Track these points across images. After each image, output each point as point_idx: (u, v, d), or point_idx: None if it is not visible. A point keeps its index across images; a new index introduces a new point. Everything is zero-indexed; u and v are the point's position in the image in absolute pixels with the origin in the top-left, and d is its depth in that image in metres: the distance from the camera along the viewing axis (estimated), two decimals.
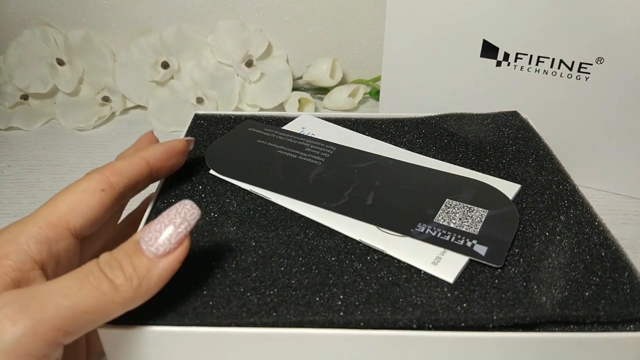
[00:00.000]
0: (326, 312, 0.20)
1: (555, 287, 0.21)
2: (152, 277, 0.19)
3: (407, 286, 0.22)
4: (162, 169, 0.26)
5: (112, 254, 0.19)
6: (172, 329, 0.20)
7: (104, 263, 0.19)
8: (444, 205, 0.26)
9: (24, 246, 0.20)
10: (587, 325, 0.20)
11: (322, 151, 0.31)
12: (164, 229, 0.20)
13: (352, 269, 0.23)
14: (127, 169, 0.24)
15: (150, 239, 0.19)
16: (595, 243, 0.24)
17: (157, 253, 0.19)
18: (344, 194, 0.27)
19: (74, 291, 0.17)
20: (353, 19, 0.53)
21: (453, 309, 0.20)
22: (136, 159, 0.24)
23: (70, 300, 0.17)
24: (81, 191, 0.22)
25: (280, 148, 0.31)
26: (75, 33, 0.53)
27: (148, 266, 0.19)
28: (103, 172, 0.23)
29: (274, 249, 0.24)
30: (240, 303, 0.21)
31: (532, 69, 0.39)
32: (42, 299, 0.17)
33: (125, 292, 0.18)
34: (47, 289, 0.18)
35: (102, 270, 0.18)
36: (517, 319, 0.20)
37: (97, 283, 0.18)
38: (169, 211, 0.20)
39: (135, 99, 0.53)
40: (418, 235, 0.24)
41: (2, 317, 0.16)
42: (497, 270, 0.22)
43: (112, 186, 0.23)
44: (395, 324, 0.20)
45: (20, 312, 0.17)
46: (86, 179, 0.23)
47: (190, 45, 0.53)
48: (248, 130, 0.32)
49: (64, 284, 0.18)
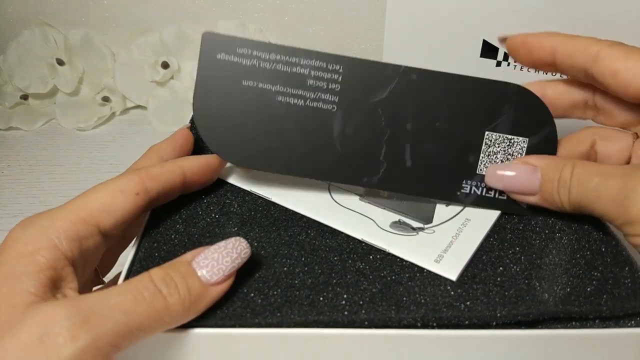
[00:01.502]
0: (330, 311, 0.20)
1: (557, 284, 0.22)
2: (202, 302, 0.20)
3: (410, 285, 0.22)
4: (196, 183, 0.26)
5: (167, 271, 0.19)
6: (176, 330, 0.20)
7: (157, 279, 0.19)
8: (484, 144, 0.25)
9: (56, 241, 0.20)
10: (590, 320, 0.21)
11: (329, 80, 0.24)
12: (221, 259, 0.20)
13: (355, 269, 0.23)
14: (164, 176, 0.24)
15: (207, 265, 0.20)
16: (595, 238, 0.24)
17: (210, 281, 0.20)
18: (379, 158, 0.25)
19: (130, 307, 0.18)
20: (353, 19, 0.53)
21: (457, 307, 0.20)
22: (175, 168, 0.24)
23: (127, 317, 0.17)
24: (118, 191, 0.22)
25: (277, 90, 0.25)
26: (75, 33, 0.53)
27: (201, 291, 0.20)
28: (141, 175, 0.23)
29: (276, 250, 0.24)
30: (244, 304, 0.21)
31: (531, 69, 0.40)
32: (100, 313, 0.17)
33: (176, 313, 0.19)
34: (105, 303, 0.18)
35: (157, 287, 0.19)
36: (520, 316, 0.20)
37: (151, 300, 0.18)
38: (226, 243, 0.21)
39: (135, 99, 0.53)
40: (465, 199, 0.25)
41: (62, 331, 0.17)
42: (499, 267, 0.23)
43: (146, 191, 0.23)
44: (400, 322, 0.20)
45: (80, 328, 0.17)
46: (123, 179, 0.22)
47: (190, 45, 0.53)
48: (217, 59, 0.25)
49: (120, 299, 0.18)
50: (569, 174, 0.22)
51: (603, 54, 0.23)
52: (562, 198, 0.23)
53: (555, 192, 0.23)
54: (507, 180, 0.24)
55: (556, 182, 0.23)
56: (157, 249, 0.24)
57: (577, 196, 0.22)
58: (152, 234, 0.24)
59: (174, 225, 0.25)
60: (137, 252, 0.24)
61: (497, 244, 0.24)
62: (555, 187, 0.23)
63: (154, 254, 0.23)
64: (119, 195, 0.22)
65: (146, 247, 0.24)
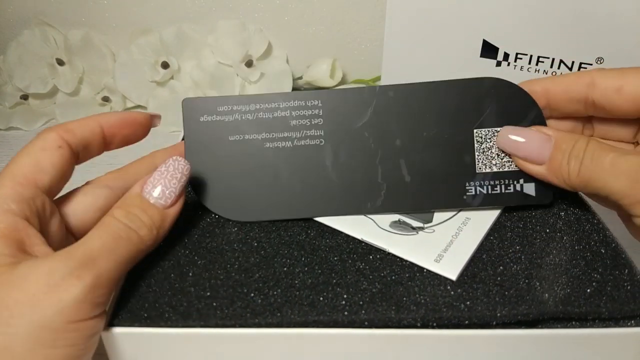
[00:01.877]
0: (330, 311, 0.20)
1: (557, 284, 0.22)
2: (165, 225, 0.23)
3: (410, 285, 0.22)
4: (116, 137, 0.25)
5: (126, 209, 0.21)
6: (177, 330, 0.20)
7: (122, 217, 0.21)
8: (476, 142, 0.25)
9: (5, 206, 0.20)
10: (589, 321, 0.21)
11: (311, 116, 0.25)
12: (168, 183, 0.23)
13: (354, 269, 0.23)
14: (80, 128, 0.23)
15: (157, 192, 0.23)
16: (595, 240, 0.24)
17: (165, 205, 0.23)
18: (377, 180, 0.25)
19: (114, 246, 0.20)
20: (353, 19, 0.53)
21: (457, 307, 0.20)
22: (90, 121, 0.24)
23: (115, 254, 0.20)
24: (39, 149, 0.22)
25: (264, 138, 0.25)
26: (75, 33, 0.53)
27: (161, 216, 0.22)
28: (56, 130, 0.23)
29: (276, 250, 0.24)
30: (244, 304, 0.21)
31: (532, 69, 0.40)
32: (93, 256, 0.19)
33: (149, 241, 0.22)
34: (92, 248, 0.19)
35: (127, 225, 0.21)
36: (520, 316, 0.20)
37: (127, 236, 0.21)
38: (167, 167, 0.23)
39: (135, 99, 0.53)
40: (473, 202, 0.25)
41: (65, 275, 0.18)
42: (499, 267, 0.23)
43: (67, 143, 0.23)
44: (400, 322, 0.20)
45: (81, 269, 0.18)
46: (41, 138, 0.22)
47: (190, 45, 0.53)
48: (201, 122, 0.25)
49: (103, 241, 0.20)
50: (583, 146, 0.22)
51: (599, 78, 0.23)
52: (572, 169, 0.22)
53: (564, 163, 0.23)
54: (519, 145, 0.24)
55: (568, 153, 0.23)
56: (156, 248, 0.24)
57: (589, 170, 0.22)
58: None
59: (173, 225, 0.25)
60: None
61: (497, 242, 0.24)
62: (566, 158, 0.23)
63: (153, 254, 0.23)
64: (44, 153, 0.22)
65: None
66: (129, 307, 0.21)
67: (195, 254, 0.23)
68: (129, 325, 0.20)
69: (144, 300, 0.21)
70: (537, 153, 0.24)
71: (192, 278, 0.22)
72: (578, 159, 0.22)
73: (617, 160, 0.21)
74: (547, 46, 0.38)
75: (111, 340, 0.20)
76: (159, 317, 0.20)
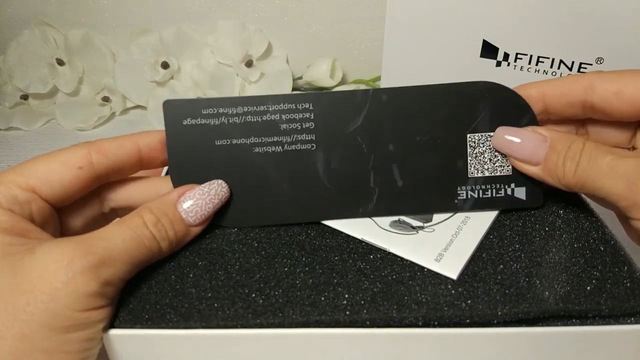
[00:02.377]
0: (332, 311, 0.20)
1: (557, 282, 0.22)
2: (184, 242, 0.23)
3: (411, 284, 0.22)
4: (156, 160, 0.24)
5: (158, 218, 0.22)
6: (178, 331, 0.20)
7: (151, 226, 0.21)
8: (469, 147, 0.25)
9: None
10: (589, 319, 0.21)
11: (302, 120, 0.24)
12: (204, 205, 0.23)
13: (355, 268, 0.23)
14: (115, 151, 0.23)
15: (191, 210, 0.23)
16: (594, 238, 0.24)
17: (193, 223, 0.23)
18: (369, 185, 0.25)
19: (135, 251, 0.21)
20: (353, 19, 0.53)
21: (458, 306, 0.20)
22: (128, 143, 0.23)
23: (132, 258, 0.20)
24: (59, 162, 0.22)
25: (252, 142, 0.24)
26: (75, 33, 0.53)
27: (185, 234, 0.23)
28: (89, 148, 0.22)
29: (276, 250, 0.24)
30: (246, 304, 0.21)
31: (532, 69, 0.40)
32: (112, 256, 0.20)
33: (165, 253, 0.22)
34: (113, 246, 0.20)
35: (153, 234, 0.21)
36: (521, 314, 0.20)
37: (150, 245, 0.21)
38: (210, 188, 0.23)
39: (135, 99, 0.53)
40: (464, 206, 0.25)
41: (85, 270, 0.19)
42: (499, 265, 0.23)
43: (91, 165, 0.22)
44: (401, 322, 0.20)
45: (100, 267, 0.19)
46: (69, 151, 0.22)
47: (190, 45, 0.53)
48: (184, 125, 0.24)
49: (126, 244, 0.20)
50: (579, 147, 0.22)
51: (597, 81, 0.23)
52: (567, 170, 0.22)
53: (560, 164, 0.23)
54: (514, 145, 0.24)
55: (563, 153, 0.23)
56: None
57: (585, 171, 0.22)
58: None
59: None
60: None
61: (497, 241, 0.24)
62: (561, 159, 0.23)
63: None
64: (60, 167, 0.21)
65: None
66: (130, 308, 0.21)
67: (196, 255, 0.23)
68: (130, 327, 0.20)
69: (145, 302, 0.21)
70: (532, 153, 0.24)
71: (193, 279, 0.22)
72: (574, 160, 0.22)
73: (615, 162, 0.21)
74: (547, 46, 0.38)
75: (112, 341, 0.20)
76: (160, 318, 0.20)
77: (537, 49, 0.39)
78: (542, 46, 0.39)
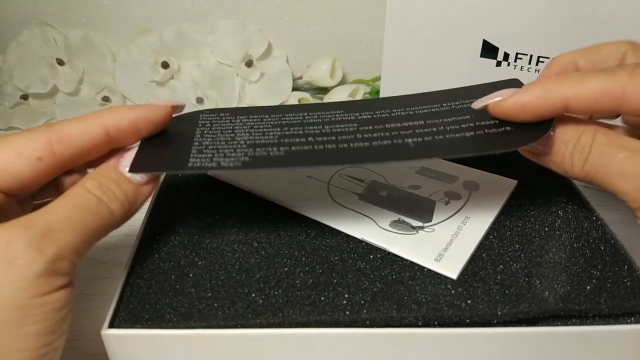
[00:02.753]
0: (332, 311, 0.20)
1: (557, 282, 0.22)
2: (138, 201, 0.21)
3: (411, 284, 0.22)
4: (127, 142, 0.22)
5: (100, 181, 0.20)
6: (178, 331, 0.20)
7: (94, 189, 0.20)
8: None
9: None
10: (590, 318, 0.21)
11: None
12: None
13: (355, 268, 0.23)
14: (79, 137, 0.20)
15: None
16: (594, 237, 0.24)
17: (141, 181, 0.21)
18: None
19: (81, 218, 0.19)
20: (353, 19, 0.53)
21: (457, 306, 0.20)
22: (94, 127, 0.21)
23: (81, 226, 0.19)
24: (15, 152, 0.19)
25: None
26: (75, 33, 0.53)
27: (135, 192, 0.21)
28: (49, 135, 0.20)
29: (276, 250, 0.24)
30: (246, 304, 0.21)
31: (532, 69, 0.40)
32: (56, 227, 0.18)
33: (119, 216, 0.20)
34: (56, 217, 0.18)
35: (97, 197, 0.20)
36: (521, 314, 0.20)
37: (97, 209, 0.19)
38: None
39: (135, 99, 0.53)
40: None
41: (26, 247, 0.17)
42: (499, 265, 0.23)
43: (52, 155, 0.20)
44: (401, 321, 0.20)
45: (44, 241, 0.17)
46: (28, 137, 0.20)
47: (190, 45, 0.53)
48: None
49: (69, 211, 0.18)
50: (589, 140, 0.21)
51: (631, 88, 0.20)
52: (575, 163, 0.21)
53: (568, 156, 0.21)
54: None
55: (572, 144, 0.21)
56: (156, 250, 0.24)
57: (595, 166, 0.21)
58: (151, 235, 0.24)
59: (173, 226, 0.25)
60: (137, 252, 0.24)
61: (496, 241, 0.24)
62: (569, 151, 0.21)
63: (154, 255, 0.23)
64: (15, 158, 0.19)
65: (145, 248, 0.24)
66: (130, 308, 0.21)
67: (196, 255, 0.23)
68: (130, 327, 0.20)
69: (145, 302, 0.21)
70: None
71: (192, 279, 0.22)
72: (583, 153, 0.21)
73: (628, 161, 0.20)
74: (547, 46, 0.38)
75: (112, 341, 0.20)
76: (160, 318, 0.20)
77: (537, 49, 0.39)
78: (542, 46, 0.39)
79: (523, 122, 0.22)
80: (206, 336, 0.20)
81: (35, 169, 0.20)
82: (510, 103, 0.21)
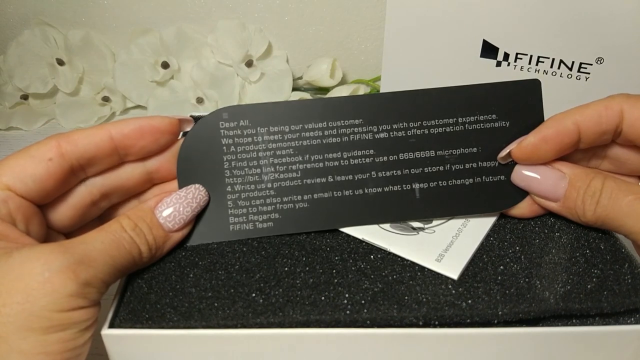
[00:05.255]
0: (332, 311, 0.20)
1: (558, 282, 0.22)
2: (165, 247, 0.23)
3: (411, 284, 0.22)
4: (132, 149, 0.23)
5: (135, 223, 0.22)
6: (178, 331, 0.20)
7: (130, 230, 0.21)
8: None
9: None
10: (590, 317, 0.21)
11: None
12: (182, 210, 0.23)
13: (356, 268, 0.23)
14: (84, 140, 0.22)
15: (169, 215, 0.23)
16: (594, 237, 0.24)
17: (172, 229, 0.23)
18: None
19: (115, 253, 0.20)
20: (353, 19, 0.53)
21: (458, 306, 0.20)
22: (99, 132, 0.22)
23: (113, 260, 0.20)
24: (28, 156, 0.21)
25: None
26: (75, 33, 0.52)
27: (165, 239, 0.23)
28: (58, 139, 0.22)
29: (276, 250, 0.24)
30: (246, 304, 0.21)
31: (532, 69, 0.40)
32: (92, 256, 0.19)
33: (146, 258, 0.22)
34: (93, 248, 0.20)
35: (132, 237, 0.21)
36: (521, 314, 0.20)
37: (130, 249, 0.21)
38: (187, 193, 0.23)
39: (135, 99, 0.53)
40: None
41: (63, 269, 0.18)
42: (499, 266, 0.23)
43: (61, 156, 0.21)
44: (402, 321, 0.20)
45: (79, 267, 0.19)
46: (39, 144, 0.22)
47: (190, 45, 0.53)
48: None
49: (106, 246, 0.20)
50: (599, 185, 0.22)
51: (626, 107, 0.22)
52: (587, 208, 0.23)
53: (580, 201, 0.23)
54: (533, 182, 0.24)
55: (583, 190, 0.23)
56: None
57: (606, 209, 0.22)
58: None
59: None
60: None
61: (497, 243, 0.24)
62: (581, 196, 0.23)
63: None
64: (29, 161, 0.21)
65: None
66: (131, 308, 0.21)
67: (196, 255, 0.23)
68: (131, 327, 0.20)
69: (145, 301, 0.21)
70: (551, 190, 0.24)
71: (193, 279, 0.22)
72: (594, 197, 0.22)
73: (636, 203, 0.21)
74: (547, 46, 0.38)
75: (112, 341, 0.20)
76: (160, 317, 0.20)
77: (537, 49, 0.39)
78: (542, 46, 0.39)
79: (541, 159, 0.24)
80: (206, 336, 0.20)
81: (48, 170, 0.21)
82: (531, 137, 0.24)
